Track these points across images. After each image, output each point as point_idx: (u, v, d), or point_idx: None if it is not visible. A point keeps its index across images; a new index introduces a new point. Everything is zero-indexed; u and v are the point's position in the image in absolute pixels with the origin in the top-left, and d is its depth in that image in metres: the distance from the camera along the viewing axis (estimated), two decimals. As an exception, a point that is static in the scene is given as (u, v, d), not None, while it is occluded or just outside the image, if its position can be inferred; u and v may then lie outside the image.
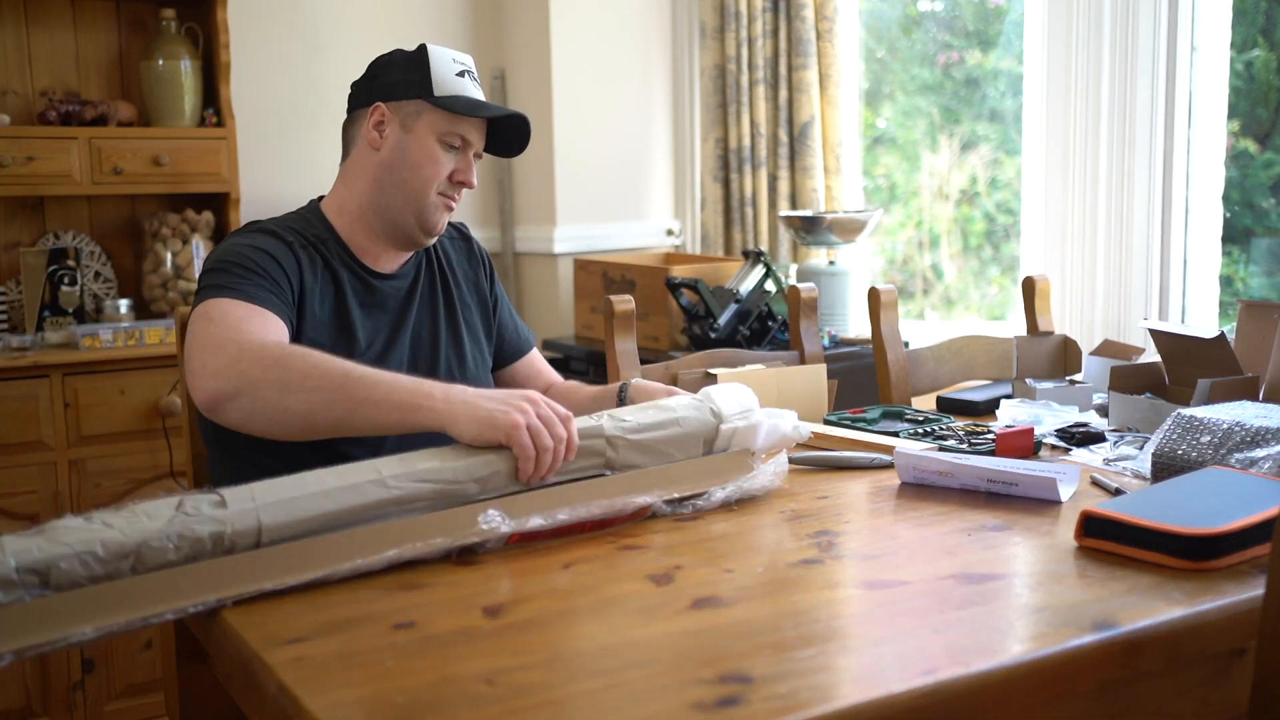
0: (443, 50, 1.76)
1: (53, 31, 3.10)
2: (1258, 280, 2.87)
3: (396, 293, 1.78)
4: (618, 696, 0.93)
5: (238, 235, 1.70)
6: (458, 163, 1.75)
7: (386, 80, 1.75)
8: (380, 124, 1.74)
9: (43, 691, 2.72)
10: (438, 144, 1.73)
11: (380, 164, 1.75)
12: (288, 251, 1.67)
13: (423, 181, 1.73)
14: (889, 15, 3.75)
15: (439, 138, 1.73)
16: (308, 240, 1.73)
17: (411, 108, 1.73)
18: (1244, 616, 1.11)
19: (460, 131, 1.74)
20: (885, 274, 3.81)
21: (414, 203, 1.74)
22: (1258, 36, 2.81)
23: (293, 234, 1.71)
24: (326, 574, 1.20)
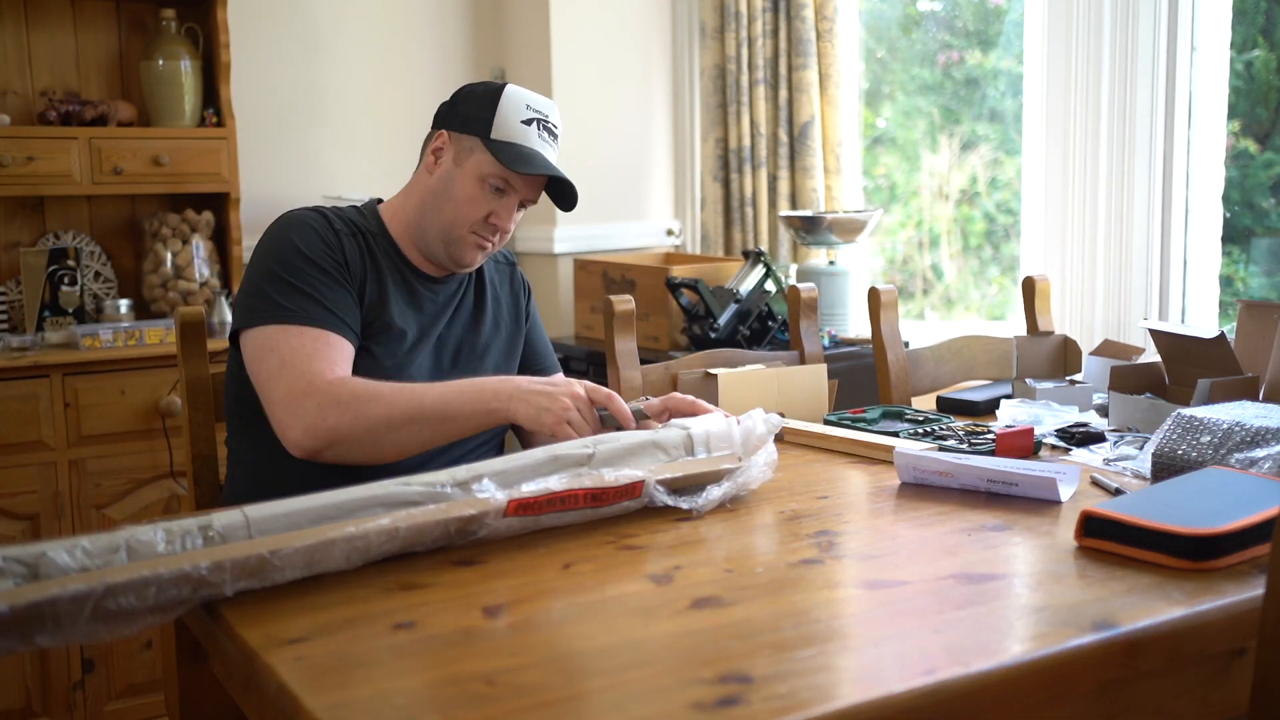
0: (521, 94, 1.77)
1: (53, 31, 3.10)
2: (1258, 280, 2.88)
3: (435, 295, 1.81)
4: (618, 696, 0.93)
5: (290, 223, 1.72)
6: (497, 205, 1.76)
7: (460, 110, 1.78)
8: (439, 150, 1.78)
9: (43, 691, 2.72)
10: (480, 185, 1.75)
11: (429, 189, 1.78)
12: (335, 239, 1.72)
13: (458, 217, 1.75)
14: (889, 15, 3.75)
15: (482, 178, 1.75)
16: (358, 229, 1.77)
17: (468, 143, 1.75)
18: (1244, 616, 1.11)
19: (504, 176, 1.75)
20: (885, 274, 3.81)
21: (446, 235, 1.77)
22: (1258, 36, 2.81)
23: (342, 222, 1.76)
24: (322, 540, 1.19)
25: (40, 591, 1.04)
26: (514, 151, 1.74)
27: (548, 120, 1.78)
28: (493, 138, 1.74)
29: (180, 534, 1.17)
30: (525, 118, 1.76)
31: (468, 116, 1.76)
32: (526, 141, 1.75)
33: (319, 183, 3.44)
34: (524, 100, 1.77)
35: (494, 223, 1.77)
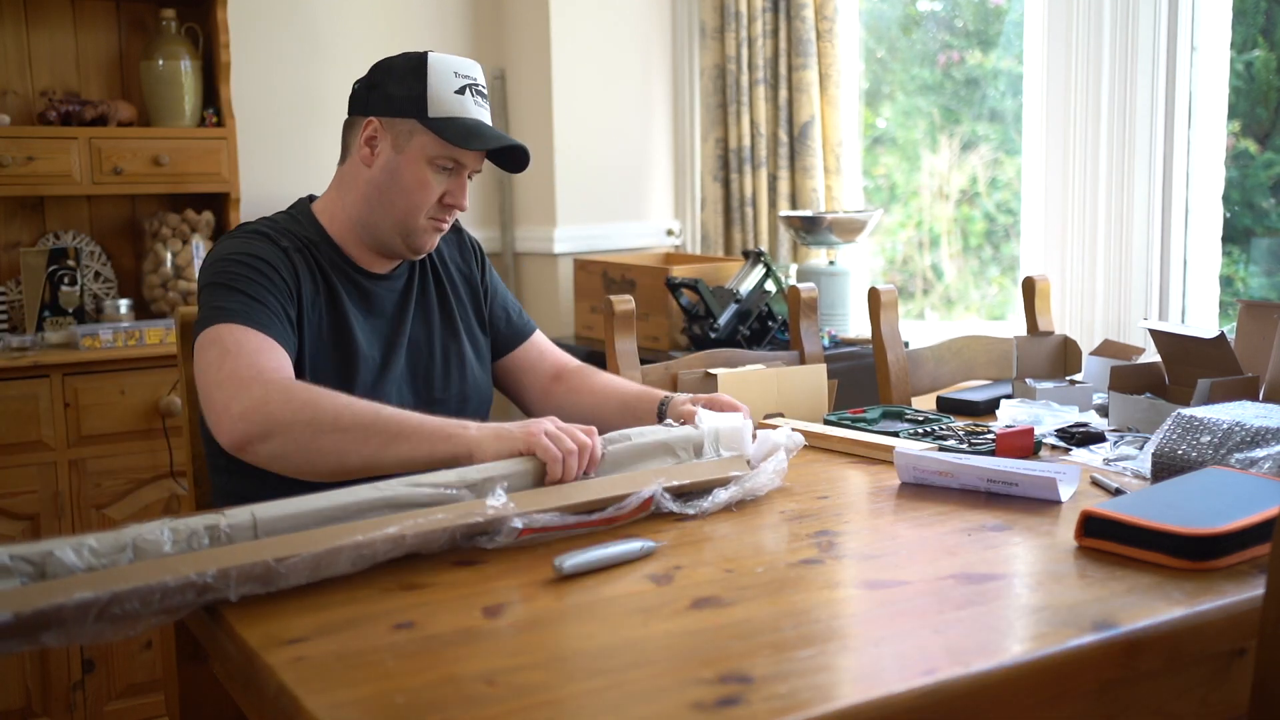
0: (445, 61, 1.69)
1: (53, 31, 3.10)
2: (1258, 280, 2.87)
3: (391, 294, 1.76)
4: (618, 696, 0.93)
5: (232, 240, 1.68)
6: (449, 185, 1.70)
7: (385, 92, 1.69)
8: (372, 139, 1.70)
9: (43, 691, 2.72)
10: (429, 167, 1.68)
11: (370, 182, 1.70)
12: (284, 259, 1.65)
13: (412, 206, 1.69)
14: (889, 15, 3.75)
15: (430, 161, 1.68)
16: (301, 243, 1.70)
17: (404, 127, 1.68)
18: (1244, 616, 1.11)
19: (453, 155, 1.68)
20: (885, 274, 3.81)
21: (401, 225, 1.70)
22: (1258, 36, 2.81)
23: (287, 237, 1.69)
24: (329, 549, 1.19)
25: (46, 598, 1.05)
26: (459, 127, 1.66)
27: (477, 83, 1.70)
28: (431, 116, 1.66)
29: (187, 534, 1.18)
30: (457, 86, 1.67)
31: (395, 97, 1.67)
32: (465, 112, 1.67)
33: (319, 183, 3.41)
34: (450, 67, 1.68)
35: (449, 202, 1.70)
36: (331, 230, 1.74)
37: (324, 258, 1.71)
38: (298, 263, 1.67)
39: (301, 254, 1.68)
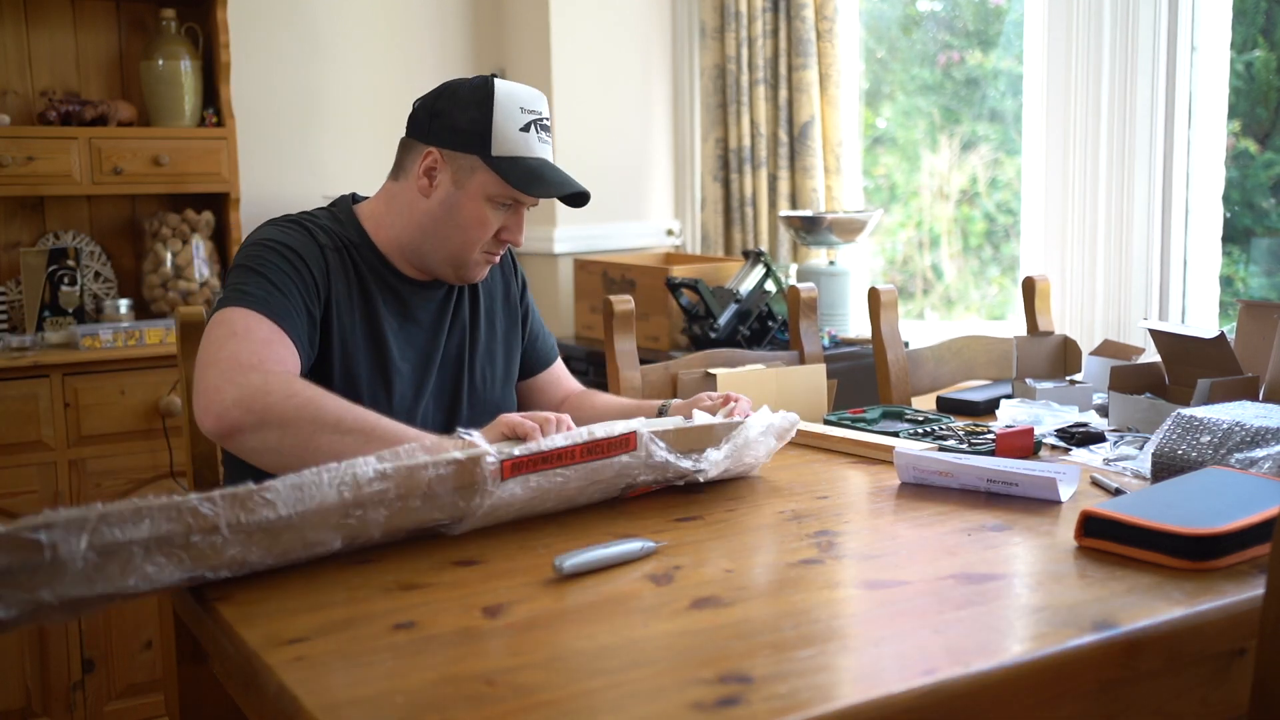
0: (511, 94, 1.64)
1: (53, 31, 3.10)
2: (1258, 280, 2.88)
3: (430, 304, 1.74)
4: (618, 696, 0.93)
5: (270, 227, 1.66)
6: (506, 220, 1.67)
7: (447, 122, 1.64)
8: (432, 170, 1.66)
9: (43, 691, 2.72)
10: (488, 204, 1.65)
11: (426, 213, 1.67)
12: (319, 256, 1.63)
13: (467, 242, 1.66)
14: (889, 15, 3.75)
15: (490, 199, 1.64)
16: (341, 243, 1.68)
17: (466, 162, 1.64)
18: (1244, 616, 1.11)
19: (514, 195, 1.65)
20: (885, 274, 3.81)
21: (454, 259, 1.68)
22: (1258, 36, 2.81)
23: (327, 234, 1.67)
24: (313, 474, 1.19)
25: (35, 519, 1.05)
26: (523, 170, 1.63)
27: (542, 118, 1.66)
28: (494, 155, 1.62)
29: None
30: (522, 124, 1.63)
31: (458, 130, 1.63)
32: (529, 151, 1.64)
33: (319, 183, 3.44)
34: (517, 103, 1.63)
35: (505, 238, 1.68)
36: (376, 238, 1.71)
37: (364, 260, 1.68)
38: (332, 262, 1.64)
39: (340, 253, 1.66)
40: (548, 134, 1.68)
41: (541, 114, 1.66)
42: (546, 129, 1.67)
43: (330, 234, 1.67)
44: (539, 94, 1.68)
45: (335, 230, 1.69)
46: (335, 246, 1.66)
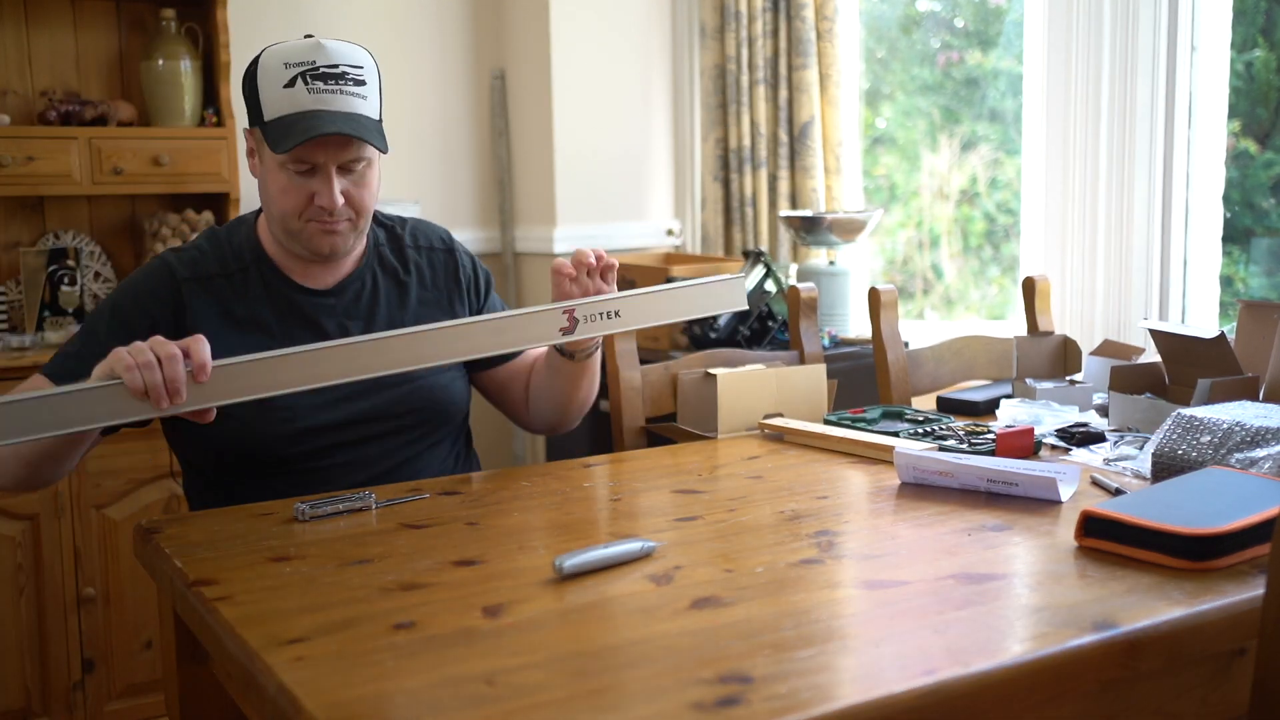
0: (276, 54, 1.57)
1: (53, 31, 3.10)
2: (1258, 280, 2.88)
3: (333, 311, 1.70)
4: (618, 696, 0.93)
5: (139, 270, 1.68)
6: (315, 186, 1.59)
7: (246, 100, 1.62)
8: (251, 151, 1.65)
9: (43, 691, 2.72)
10: (283, 172, 1.59)
11: (260, 194, 1.67)
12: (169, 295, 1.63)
13: (283, 212, 1.62)
14: (889, 15, 3.75)
15: (281, 166, 1.58)
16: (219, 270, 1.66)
17: (257, 136, 1.61)
18: (1244, 616, 1.11)
19: (298, 156, 1.57)
20: (885, 274, 3.81)
21: (286, 232, 1.64)
22: (1258, 36, 2.81)
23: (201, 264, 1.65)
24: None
25: None
26: (281, 128, 1.55)
27: (315, 66, 1.55)
28: (266, 120, 1.56)
29: None
30: (285, 79, 1.55)
31: (248, 106, 1.60)
32: (295, 107, 1.55)
33: (319, 183, 3.44)
34: (280, 59, 1.56)
35: (319, 204, 1.59)
36: (268, 247, 1.70)
37: (254, 281, 1.67)
38: (192, 295, 1.64)
39: (212, 281, 1.65)
40: (332, 82, 1.56)
41: (312, 62, 1.56)
42: (325, 77, 1.55)
43: (207, 261, 1.66)
44: (316, 42, 1.58)
45: (222, 254, 1.68)
46: (205, 276, 1.65)
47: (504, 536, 1.38)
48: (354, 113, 1.58)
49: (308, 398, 1.63)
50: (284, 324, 1.67)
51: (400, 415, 1.72)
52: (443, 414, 1.77)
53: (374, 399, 1.69)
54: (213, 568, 1.28)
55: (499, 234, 3.77)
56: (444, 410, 1.77)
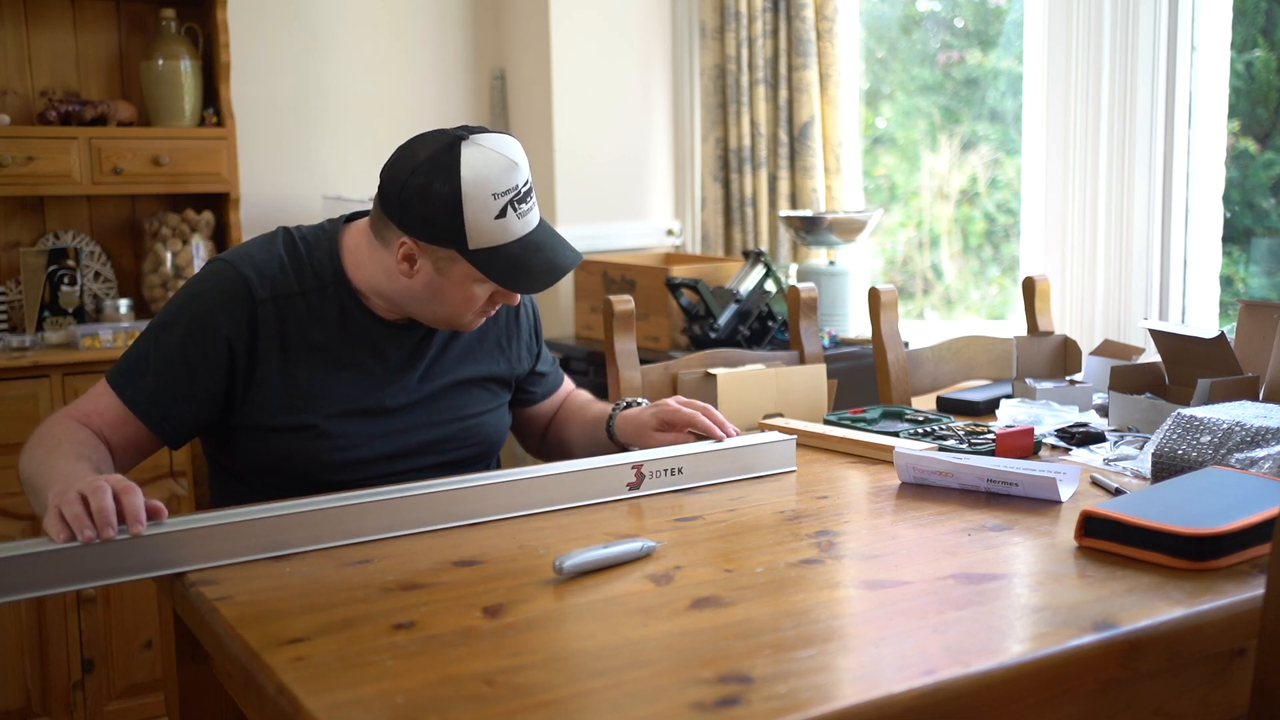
0: (480, 182, 1.51)
1: (53, 31, 3.10)
2: (1258, 280, 2.87)
3: (403, 342, 1.68)
4: (618, 696, 0.93)
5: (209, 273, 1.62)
6: (497, 292, 1.61)
7: (419, 214, 1.53)
8: (410, 257, 1.57)
9: (43, 691, 2.72)
10: (474, 284, 1.58)
11: (408, 290, 1.60)
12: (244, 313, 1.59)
13: (457, 314, 1.62)
14: (889, 15, 3.75)
15: (477, 281, 1.58)
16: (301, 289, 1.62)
17: (444, 254, 1.55)
18: (1244, 616, 1.11)
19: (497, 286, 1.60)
20: (885, 274, 3.81)
21: (445, 324, 1.65)
22: (1258, 36, 2.81)
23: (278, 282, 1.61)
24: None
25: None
26: (503, 261, 1.55)
27: (518, 192, 1.54)
28: (471, 249, 1.53)
29: None
30: (497, 211, 1.52)
31: (431, 223, 1.53)
32: (509, 236, 1.54)
33: (319, 183, 3.44)
34: (488, 190, 1.51)
35: (500, 301, 1.64)
36: (354, 276, 1.64)
37: (331, 303, 1.63)
38: (266, 316, 1.60)
39: (290, 300, 1.62)
40: (527, 202, 1.56)
41: (516, 187, 1.54)
42: (524, 199, 1.56)
43: (284, 279, 1.62)
44: (511, 161, 1.54)
45: (301, 272, 1.64)
46: (282, 295, 1.61)
47: (504, 536, 1.38)
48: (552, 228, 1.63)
49: (365, 427, 1.65)
50: (353, 352, 1.65)
51: (451, 450, 1.73)
52: (490, 447, 1.79)
53: (428, 434, 1.71)
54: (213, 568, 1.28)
55: (499, 234, 3.76)
56: (492, 444, 1.79)
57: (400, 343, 1.68)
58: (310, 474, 1.62)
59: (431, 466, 1.71)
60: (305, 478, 1.62)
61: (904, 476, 1.59)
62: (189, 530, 1.28)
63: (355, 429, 1.64)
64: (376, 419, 1.66)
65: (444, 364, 1.73)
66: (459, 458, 1.74)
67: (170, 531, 1.28)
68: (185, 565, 1.28)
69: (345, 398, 1.64)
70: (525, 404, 1.90)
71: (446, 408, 1.72)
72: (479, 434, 1.76)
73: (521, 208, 1.55)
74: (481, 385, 1.77)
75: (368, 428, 1.65)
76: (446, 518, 1.42)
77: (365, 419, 1.65)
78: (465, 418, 1.74)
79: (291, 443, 1.62)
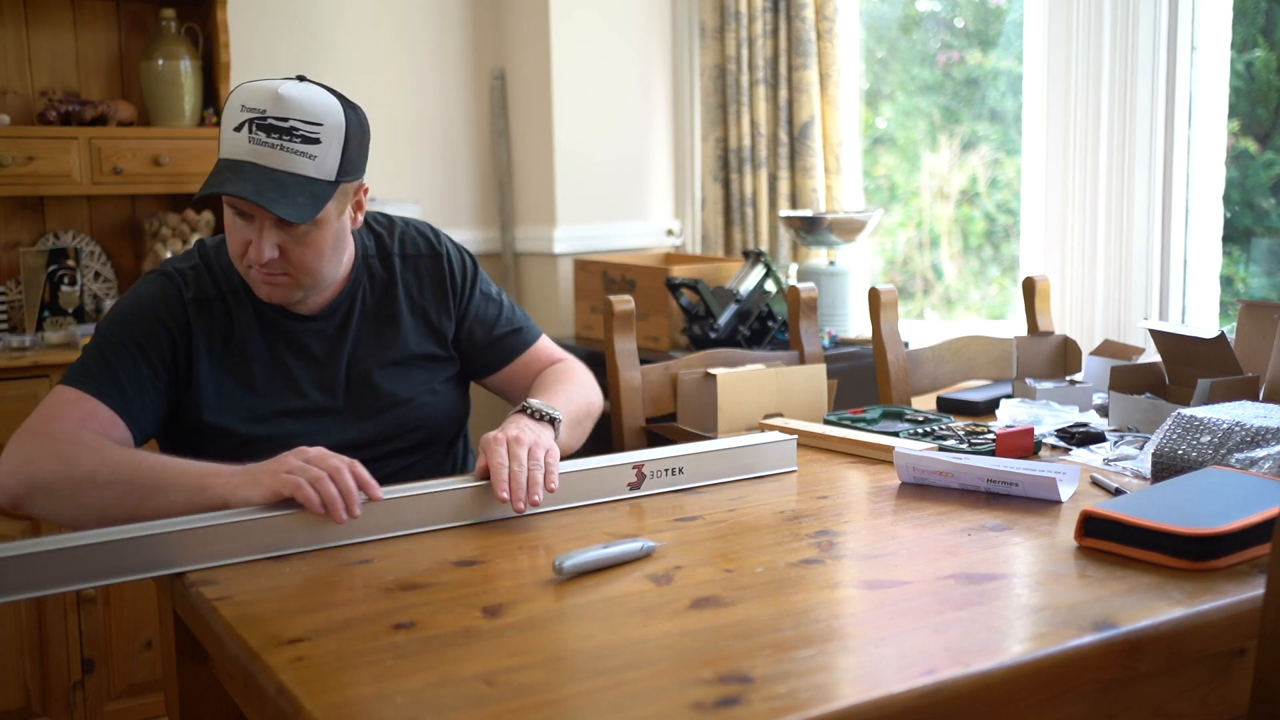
0: (243, 93, 1.50)
1: (53, 31, 3.10)
2: (1258, 280, 2.87)
3: (321, 335, 1.67)
4: (618, 696, 0.93)
5: (136, 288, 1.64)
6: (249, 233, 1.54)
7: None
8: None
9: (43, 691, 2.72)
10: (229, 210, 1.55)
11: None
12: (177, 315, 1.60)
13: (233, 255, 1.58)
14: (889, 15, 3.75)
15: (227, 205, 1.55)
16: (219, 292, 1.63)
17: None
18: (1244, 616, 1.11)
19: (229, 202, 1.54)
20: (885, 274, 3.81)
21: (241, 275, 1.61)
22: (1258, 36, 2.81)
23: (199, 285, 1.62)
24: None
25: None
26: (215, 170, 1.51)
27: (263, 116, 1.49)
28: (219, 156, 1.53)
29: None
30: (237, 123, 1.49)
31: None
32: (234, 152, 1.50)
33: (319, 183, 3.43)
34: (240, 100, 1.50)
35: (251, 255, 1.54)
36: None
37: (245, 304, 1.64)
38: (195, 317, 1.61)
39: (210, 304, 1.62)
40: (270, 134, 1.49)
41: (263, 111, 1.49)
42: (269, 128, 1.49)
43: (206, 283, 1.63)
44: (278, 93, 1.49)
45: (215, 276, 1.64)
46: (207, 298, 1.62)
47: (504, 536, 1.38)
48: (286, 172, 1.50)
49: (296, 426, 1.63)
50: (275, 350, 1.65)
51: (398, 437, 1.71)
52: (440, 428, 1.76)
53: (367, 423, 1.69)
54: (213, 568, 1.28)
55: (499, 234, 3.76)
56: (441, 424, 1.76)
57: (319, 334, 1.67)
58: None
59: (382, 457, 1.68)
60: None
61: (904, 476, 1.59)
62: (189, 530, 1.28)
63: (287, 429, 1.62)
64: (308, 418, 1.65)
65: (372, 348, 1.70)
66: (409, 444, 1.71)
67: (170, 531, 1.28)
68: (185, 565, 1.28)
69: (271, 399, 1.63)
70: (472, 374, 1.83)
71: (382, 394, 1.70)
72: (421, 416, 1.72)
73: (259, 134, 1.48)
74: (416, 365, 1.74)
75: (298, 426, 1.63)
76: (446, 518, 1.42)
77: (295, 419, 1.64)
78: (403, 402, 1.71)
79: (228, 448, 1.59)
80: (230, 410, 1.62)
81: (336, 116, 1.53)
